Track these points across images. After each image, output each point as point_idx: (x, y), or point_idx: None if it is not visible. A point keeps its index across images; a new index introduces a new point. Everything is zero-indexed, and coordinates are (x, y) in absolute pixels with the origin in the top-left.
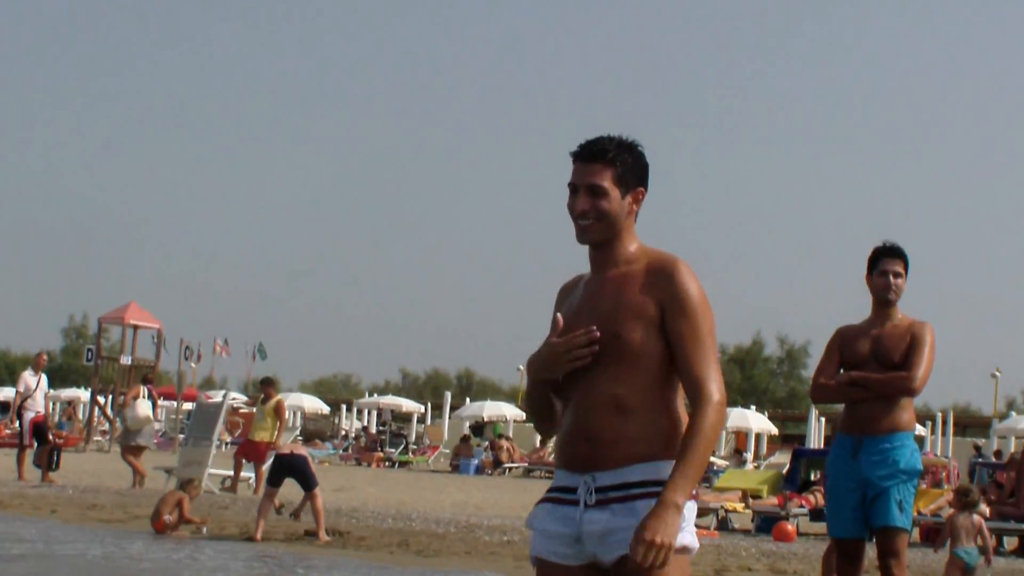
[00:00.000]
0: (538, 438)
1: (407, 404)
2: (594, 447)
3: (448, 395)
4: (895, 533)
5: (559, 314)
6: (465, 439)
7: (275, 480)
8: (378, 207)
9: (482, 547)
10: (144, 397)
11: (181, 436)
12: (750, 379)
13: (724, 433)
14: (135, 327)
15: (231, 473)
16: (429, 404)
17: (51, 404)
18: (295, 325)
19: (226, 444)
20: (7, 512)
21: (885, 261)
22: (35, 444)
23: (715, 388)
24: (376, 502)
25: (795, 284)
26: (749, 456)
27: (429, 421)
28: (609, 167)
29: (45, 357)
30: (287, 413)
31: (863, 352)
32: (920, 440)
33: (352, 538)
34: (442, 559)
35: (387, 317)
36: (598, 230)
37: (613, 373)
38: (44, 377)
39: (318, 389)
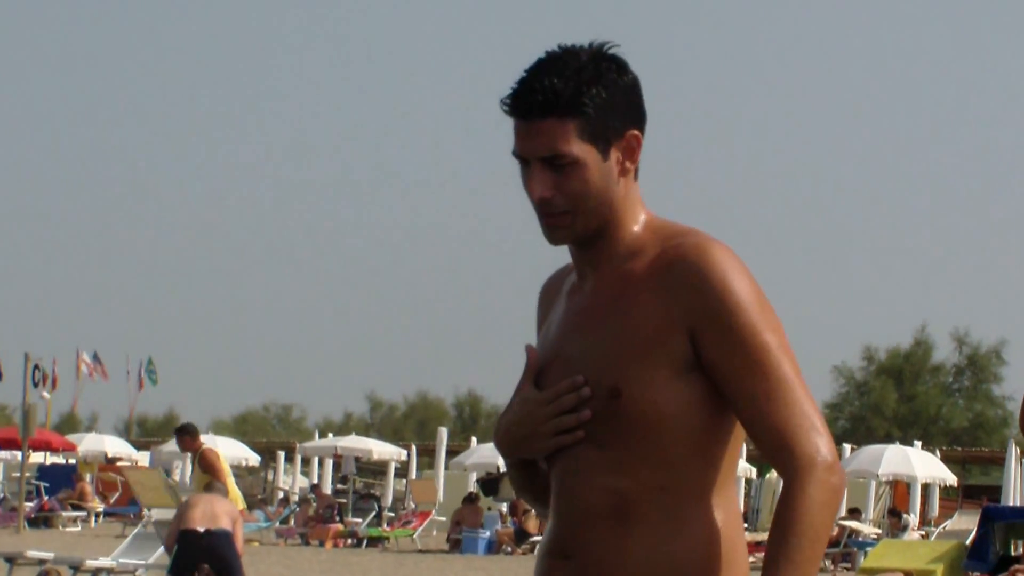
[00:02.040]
0: None
1: (379, 448)
2: (575, 572)
3: (443, 433)
4: None
5: (531, 348)
6: (471, 499)
7: (184, 570)
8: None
9: None
10: None
11: (28, 505)
12: (912, 400)
13: (875, 484)
14: None
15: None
16: (414, 448)
17: None
18: (200, 334)
19: (98, 515)
20: None
21: None
22: None
23: (818, 442)
24: None
25: (980, 256)
26: (914, 520)
27: (414, 474)
28: (571, 118)
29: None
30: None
31: None
32: None
33: None
34: None
35: (345, 319)
36: (575, 224)
37: (612, 454)
38: None
39: (240, 429)
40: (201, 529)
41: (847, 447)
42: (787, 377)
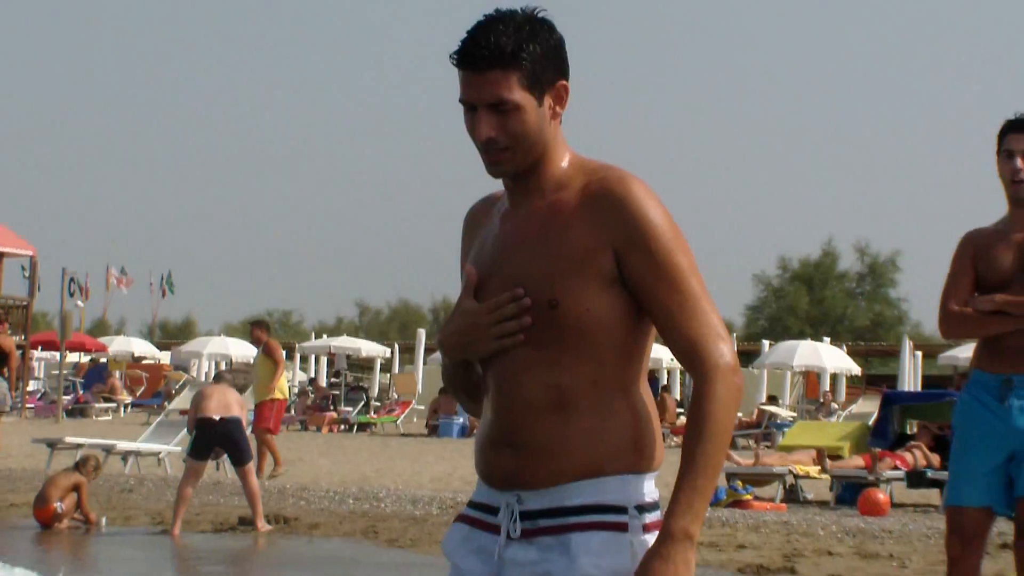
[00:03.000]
0: None
1: (367, 347)
2: (521, 458)
3: (422, 334)
4: None
5: (470, 266)
6: (445, 390)
7: (201, 452)
8: (321, 83)
9: None
10: None
11: (66, 398)
12: (821, 303)
13: (790, 375)
14: (1, 255)
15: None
16: (397, 346)
17: None
18: (213, 250)
19: (126, 406)
20: None
21: (1012, 138)
22: None
23: (722, 348)
24: (331, 478)
25: (878, 177)
26: (835, 406)
27: (397, 368)
28: (512, 70)
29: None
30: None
31: (1006, 266)
32: None
33: (302, 525)
34: (421, 549)
35: (336, 235)
36: (514, 159)
37: (550, 355)
38: None
39: (247, 331)
40: (216, 417)
41: (766, 343)
42: (696, 293)
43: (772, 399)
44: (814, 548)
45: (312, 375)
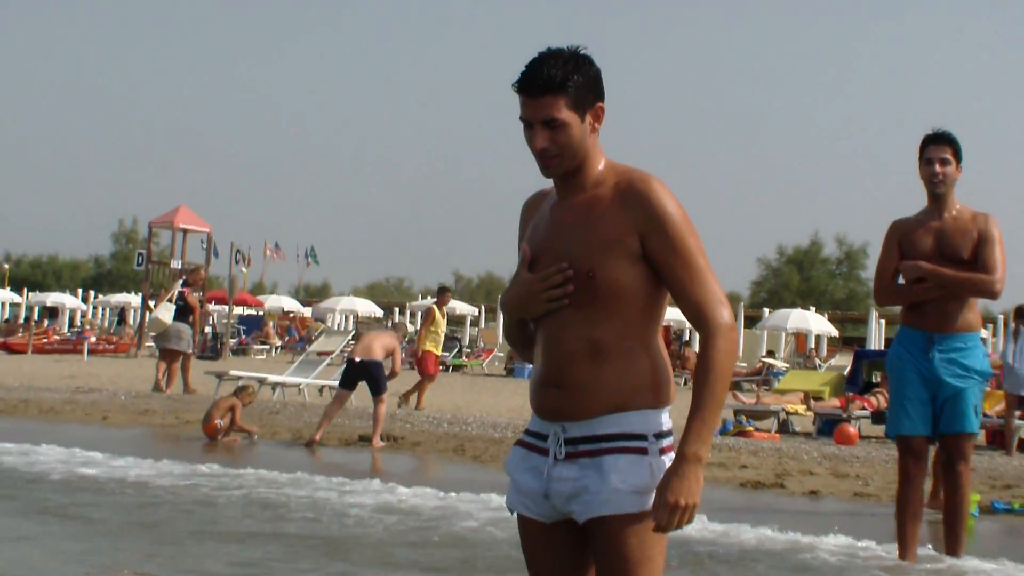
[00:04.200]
0: None
1: (461, 307)
2: (565, 396)
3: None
4: (969, 438)
5: (526, 245)
6: None
7: (348, 384)
8: (430, 106)
9: None
10: (173, 300)
11: (232, 341)
12: (808, 280)
13: (784, 335)
14: (185, 231)
15: (326, 383)
16: (483, 307)
17: (101, 310)
18: (347, 229)
19: (277, 348)
20: (60, 418)
21: (930, 148)
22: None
23: (722, 311)
24: (430, 407)
25: (854, 182)
26: (818, 361)
27: (483, 324)
28: (561, 95)
29: (206, 270)
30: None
31: (926, 248)
32: (983, 341)
33: (407, 443)
34: (499, 464)
35: (441, 220)
36: (562, 164)
37: (588, 314)
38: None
39: (371, 293)
40: (358, 359)
41: (766, 310)
42: (702, 268)
43: (770, 353)
44: (799, 469)
45: (418, 327)
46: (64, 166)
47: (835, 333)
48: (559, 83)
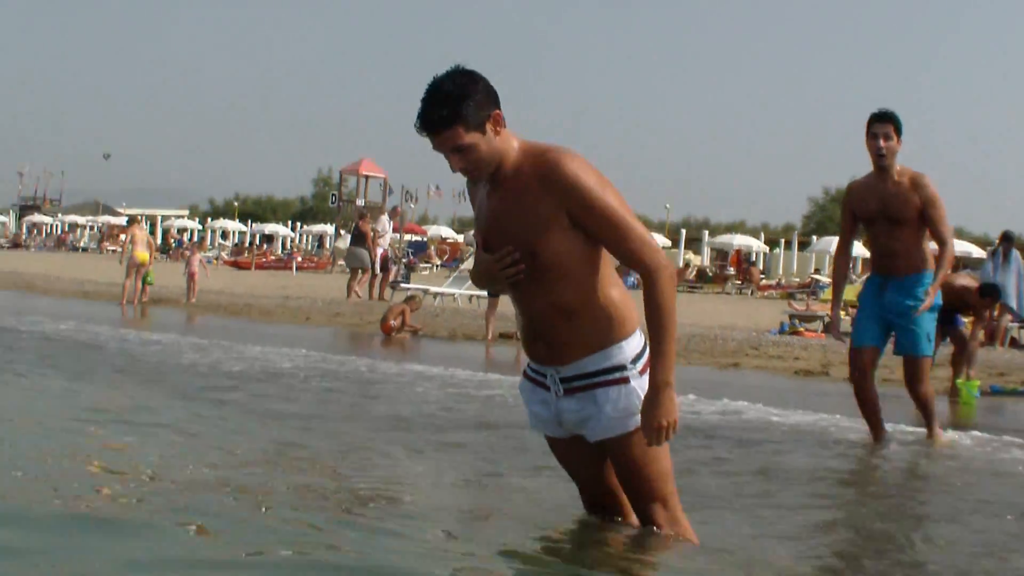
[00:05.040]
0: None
1: None
2: (551, 348)
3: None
4: (921, 361)
5: (477, 231)
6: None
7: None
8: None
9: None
10: (370, 234)
11: (403, 261)
12: None
13: (828, 256)
14: (367, 177)
15: (475, 293)
16: None
17: (306, 237)
18: None
19: (437, 266)
20: (273, 319)
21: (875, 125)
22: (380, 272)
23: (654, 256)
24: None
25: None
26: (855, 276)
27: None
28: (457, 125)
29: (403, 208)
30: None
31: (871, 209)
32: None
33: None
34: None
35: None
36: (481, 172)
37: (544, 284)
38: (390, 223)
39: None
40: None
41: (814, 238)
42: (627, 221)
43: (817, 271)
44: (840, 361)
45: None
46: (277, 123)
47: (867, 255)
48: (451, 118)
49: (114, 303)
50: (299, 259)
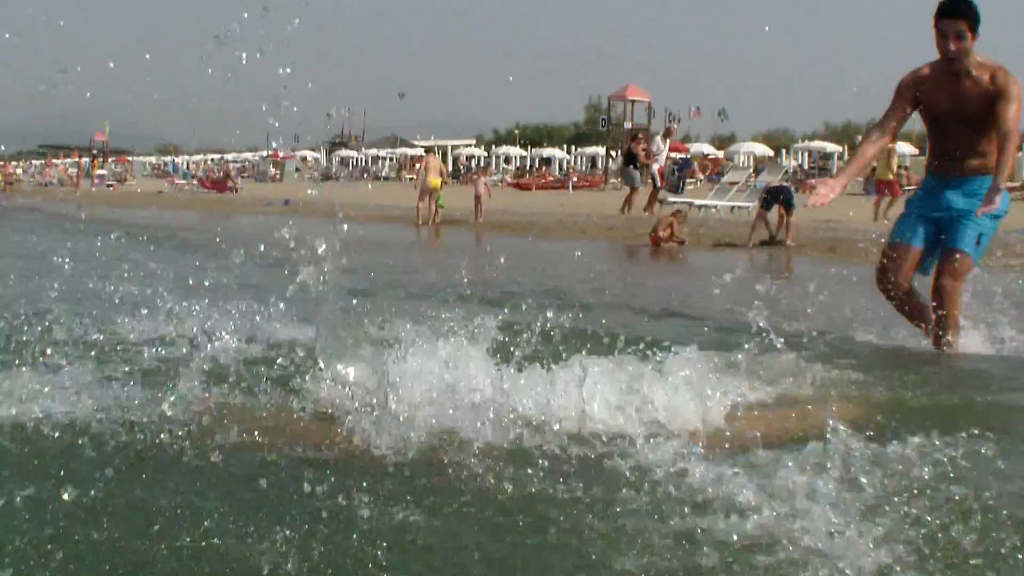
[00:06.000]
0: None
1: (828, 147)
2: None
3: (858, 140)
4: (963, 258)
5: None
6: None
7: (767, 205)
8: None
9: None
10: (626, 152)
11: (678, 175)
12: None
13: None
14: (633, 102)
15: (736, 204)
16: (846, 146)
17: (579, 159)
18: (749, 90)
19: (699, 181)
20: (551, 235)
21: (944, 23)
22: (654, 186)
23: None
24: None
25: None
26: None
27: (844, 160)
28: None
29: (675, 128)
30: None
31: (942, 109)
32: None
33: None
34: None
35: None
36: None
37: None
38: (665, 143)
39: (767, 139)
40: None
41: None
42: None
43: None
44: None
45: (799, 162)
46: (560, 58)
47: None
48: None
49: (411, 227)
50: (575, 179)
